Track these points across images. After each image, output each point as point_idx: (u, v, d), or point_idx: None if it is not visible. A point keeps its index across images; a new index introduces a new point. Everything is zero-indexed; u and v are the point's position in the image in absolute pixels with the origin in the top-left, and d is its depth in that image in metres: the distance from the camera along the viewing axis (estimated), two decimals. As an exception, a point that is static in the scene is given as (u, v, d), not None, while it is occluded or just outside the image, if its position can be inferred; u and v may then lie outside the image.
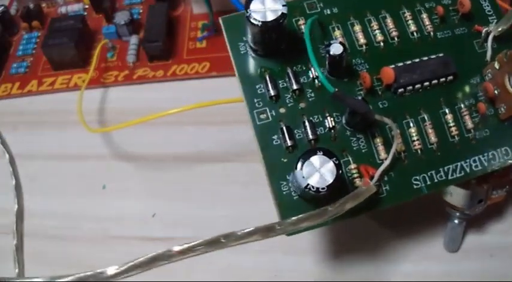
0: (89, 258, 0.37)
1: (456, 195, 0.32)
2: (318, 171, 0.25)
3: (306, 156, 0.25)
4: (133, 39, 0.49)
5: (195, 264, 0.36)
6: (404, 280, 0.34)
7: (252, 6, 0.27)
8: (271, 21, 0.26)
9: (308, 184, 0.25)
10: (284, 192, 0.27)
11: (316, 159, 0.25)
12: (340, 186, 0.26)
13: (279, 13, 0.26)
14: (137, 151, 0.43)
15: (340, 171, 0.25)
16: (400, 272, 0.35)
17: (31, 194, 0.42)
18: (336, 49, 0.27)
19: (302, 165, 0.25)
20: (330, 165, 0.25)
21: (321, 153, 0.25)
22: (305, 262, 0.36)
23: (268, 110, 0.28)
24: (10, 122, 0.47)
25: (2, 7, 0.53)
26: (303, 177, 0.25)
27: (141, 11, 0.53)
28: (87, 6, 0.54)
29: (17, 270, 0.37)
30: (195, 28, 0.51)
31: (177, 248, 0.24)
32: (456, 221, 0.34)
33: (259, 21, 0.26)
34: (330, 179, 0.25)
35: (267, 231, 0.24)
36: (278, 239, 0.35)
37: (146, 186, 0.40)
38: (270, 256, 0.36)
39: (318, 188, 0.25)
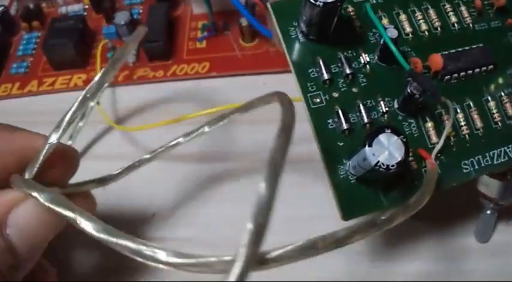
0: (89, 258, 0.37)
1: (492, 186, 0.33)
2: (387, 149, 0.25)
3: (374, 134, 0.25)
4: (134, 39, 0.49)
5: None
6: (404, 280, 0.35)
7: (312, -12, 0.29)
8: (332, 1, 0.26)
9: (378, 161, 0.25)
10: (341, 176, 0.27)
11: (384, 137, 0.25)
12: (408, 165, 0.27)
13: (339, -5, 0.29)
14: (137, 151, 0.43)
15: (408, 151, 0.25)
16: (400, 272, 0.35)
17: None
18: (391, 33, 0.27)
19: (371, 143, 0.25)
20: (398, 142, 0.25)
21: (389, 131, 0.25)
22: (305, 262, 0.34)
23: (322, 93, 0.28)
24: (10, 122, 0.45)
25: (2, 7, 0.53)
26: (373, 154, 0.25)
27: (141, 11, 0.53)
28: (87, 7, 0.54)
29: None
30: (195, 28, 0.51)
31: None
32: (489, 212, 0.35)
33: (320, 1, 0.26)
34: (398, 156, 0.25)
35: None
36: (278, 239, 0.34)
37: (146, 186, 0.40)
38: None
39: (388, 165, 0.25)
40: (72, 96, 0.46)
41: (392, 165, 0.25)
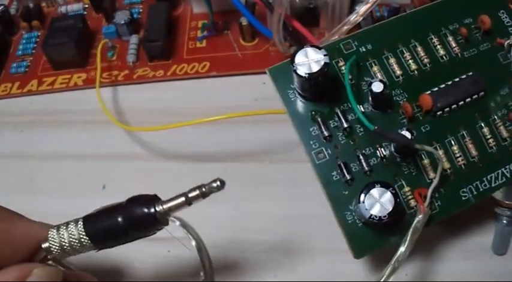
0: (89, 258, 0.44)
1: (506, 191, 0.43)
2: (378, 202, 0.36)
3: (366, 190, 0.36)
4: (133, 39, 0.60)
5: (194, 264, 0.43)
6: (403, 280, 0.43)
7: (297, 59, 0.38)
8: (316, 72, 0.37)
9: (371, 215, 0.36)
10: (349, 221, 0.39)
11: (375, 192, 0.36)
12: (400, 211, 0.38)
13: (322, 63, 0.37)
14: (137, 151, 0.53)
15: (398, 200, 0.36)
16: (399, 272, 0.40)
17: (31, 194, 0.51)
18: (377, 87, 0.38)
19: (364, 199, 0.36)
20: (388, 195, 0.36)
21: (379, 185, 0.36)
22: (305, 262, 0.45)
23: (324, 149, 0.40)
24: (10, 122, 0.58)
25: (2, 7, 0.63)
26: (366, 209, 0.36)
27: (141, 10, 0.64)
28: (87, 6, 0.65)
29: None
30: (195, 28, 0.62)
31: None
32: (505, 221, 0.44)
33: (305, 73, 0.37)
34: (389, 207, 0.36)
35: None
36: (278, 239, 0.46)
37: (146, 186, 0.46)
38: (270, 256, 0.45)
39: (380, 217, 0.36)
40: (72, 96, 0.56)
41: (384, 216, 0.36)
